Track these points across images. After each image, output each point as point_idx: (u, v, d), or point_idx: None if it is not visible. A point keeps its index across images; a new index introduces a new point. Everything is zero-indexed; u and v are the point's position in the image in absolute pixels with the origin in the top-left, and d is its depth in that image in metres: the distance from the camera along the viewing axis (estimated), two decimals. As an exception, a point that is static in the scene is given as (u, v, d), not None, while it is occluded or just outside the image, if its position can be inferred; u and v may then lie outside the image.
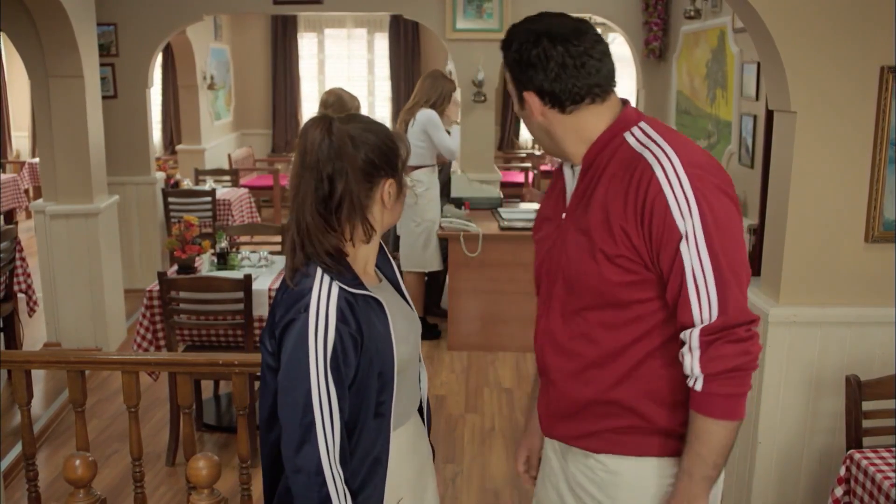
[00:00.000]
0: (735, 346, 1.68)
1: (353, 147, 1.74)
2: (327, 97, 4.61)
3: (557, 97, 1.76)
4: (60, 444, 4.39)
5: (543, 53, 1.74)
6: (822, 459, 3.22)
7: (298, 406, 1.68)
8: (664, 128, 1.80)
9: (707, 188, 1.68)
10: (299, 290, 1.73)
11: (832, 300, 3.12)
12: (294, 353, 1.69)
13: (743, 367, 1.69)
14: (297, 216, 1.76)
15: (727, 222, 1.69)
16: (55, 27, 5.18)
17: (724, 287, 1.67)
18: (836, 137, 3.02)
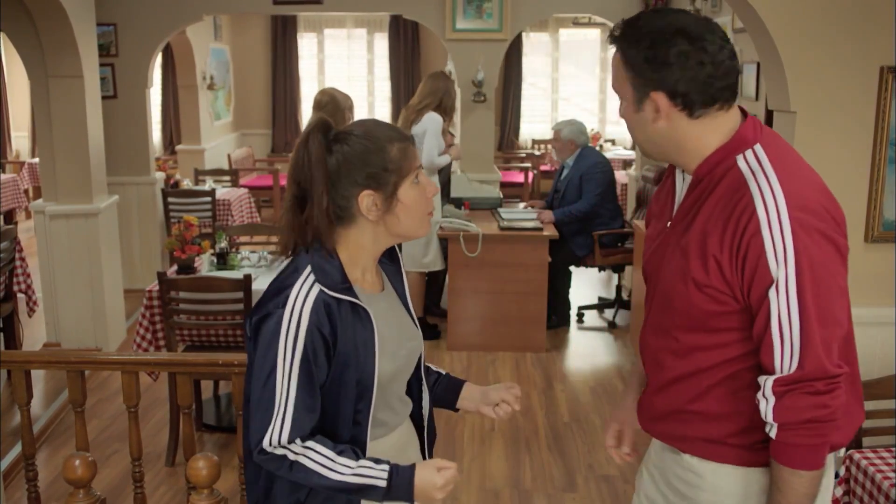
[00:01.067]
0: (810, 399, 1.64)
1: (328, 157, 1.76)
2: (321, 97, 4.61)
3: (690, 99, 1.68)
4: (60, 445, 4.39)
5: (681, 52, 1.65)
6: (821, 459, 3.22)
7: (263, 400, 1.71)
8: (779, 153, 1.72)
9: (809, 235, 1.61)
10: (283, 283, 1.77)
11: (832, 300, 3.12)
12: (266, 347, 1.72)
13: (819, 419, 1.64)
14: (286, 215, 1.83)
15: (824, 273, 1.63)
16: (55, 27, 5.18)
17: (807, 340, 1.62)
18: (836, 137, 3.02)
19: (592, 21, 10.95)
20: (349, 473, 1.72)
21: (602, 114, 11.82)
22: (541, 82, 11.91)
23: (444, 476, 1.76)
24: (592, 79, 11.81)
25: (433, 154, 5.61)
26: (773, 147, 1.72)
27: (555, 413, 4.83)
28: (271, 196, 9.99)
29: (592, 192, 6.03)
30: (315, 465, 1.71)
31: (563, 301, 6.37)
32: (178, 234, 4.53)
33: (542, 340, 5.82)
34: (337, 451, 1.73)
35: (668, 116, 1.71)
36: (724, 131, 1.73)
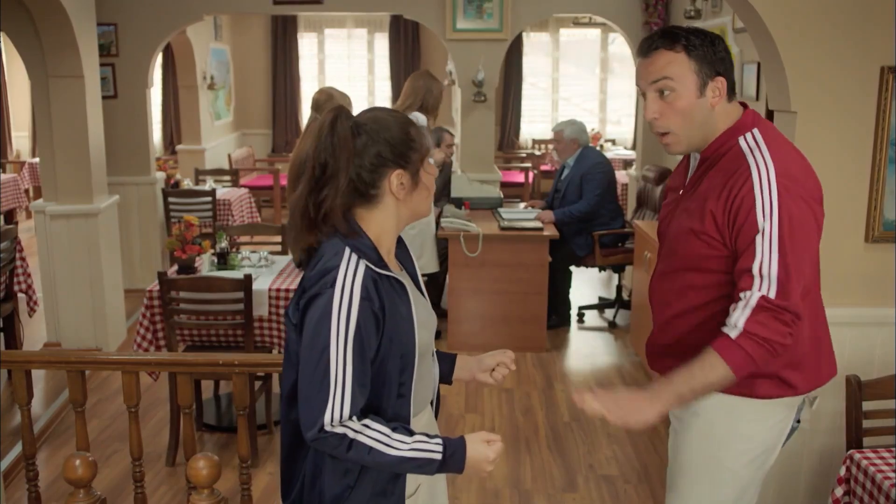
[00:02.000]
0: (780, 325, 1.97)
1: (354, 137, 1.80)
2: (319, 96, 4.61)
3: (733, 85, 2.13)
4: (61, 444, 4.39)
5: (725, 49, 2.10)
6: (822, 459, 3.21)
7: (316, 380, 1.72)
8: (773, 136, 2.11)
9: (792, 198, 2.00)
10: (327, 265, 1.77)
11: (832, 300, 3.11)
12: (317, 327, 1.73)
13: (775, 344, 1.97)
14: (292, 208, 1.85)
15: (800, 230, 2.00)
16: (55, 27, 5.18)
17: (787, 279, 1.97)
18: (837, 137, 3.02)
19: (593, 21, 10.94)
20: (406, 448, 1.75)
21: (602, 114, 11.81)
22: (541, 82, 11.91)
23: (494, 449, 1.82)
24: (593, 79, 11.81)
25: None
26: (768, 132, 2.13)
27: (555, 413, 4.83)
28: (272, 196, 9.99)
29: (593, 193, 6.03)
30: (373, 442, 1.73)
31: (563, 301, 6.37)
32: (179, 234, 4.53)
33: (542, 340, 5.82)
34: (391, 428, 1.76)
35: (721, 98, 2.11)
36: (733, 118, 2.14)
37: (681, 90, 2.08)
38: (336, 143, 1.79)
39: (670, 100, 2.09)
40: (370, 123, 1.83)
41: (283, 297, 4.28)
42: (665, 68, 2.08)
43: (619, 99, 11.67)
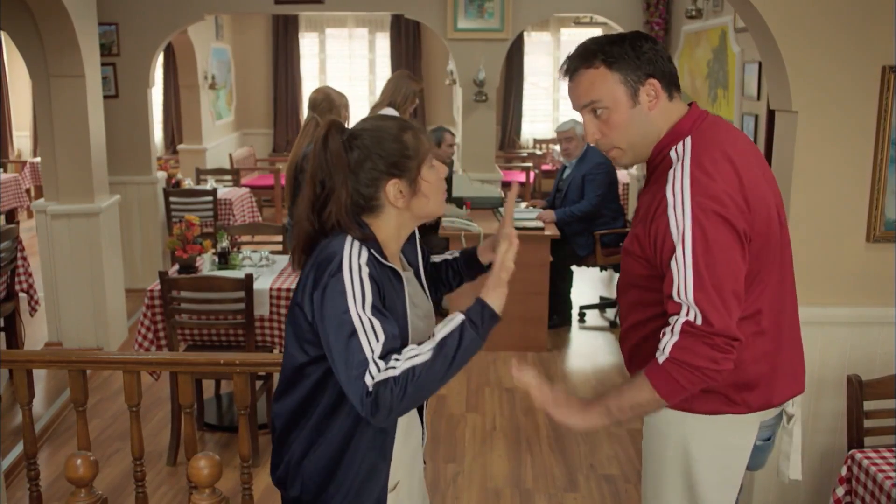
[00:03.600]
0: (708, 350, 1.85)
1: (347, 152, 1.85)
2: (316, 95, 4.61)
3: (672, 80, 2.02)
4: (62, 444, 4.40)
5: (652, 47, 1.99)
6: (823, 459, 3.21)
7: (353, 354, 1.74)
8: (706, 140, 1.98)
9: (706, 217, 1.87)
10: (328, 254, 1.81)
11: (833, 300, 3.12)
12: (335, 309, 1.76)
13: (705, 370, 1.86)
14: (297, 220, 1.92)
15: (716, 248, 1.87)
16: (56, 27, 5.19)
17: (708, 301, 1.85)
18: (838, 137, 3.02)
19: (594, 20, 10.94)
20: (434, 344, 1.77)
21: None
22: (542, 82, 11.91)
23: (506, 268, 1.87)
24: (594, 78, 11.80)
25: None
26: (702, 138, 1.98)
27: (556, 413, 4.83)
28: (272, 195, 10.00)
29: (594, 193, 6.03)
30: (412, 362, 1.73)
31: (564, 301, 6.37)
32: (180, 233, 4.53)
33: (543, 340, 5.82)
34: (417, 344, 1.79)
35: (659, 100, 2.00)
36: (674, 119, 2.03)
37: (612, 105, 1.99)
38: (330, 161, 1.84)
39: (605, 117, 2.01)
40: (363, 136, 1.85)
41: (283, 297, 4.28)
42: (590, 89, 2.01)
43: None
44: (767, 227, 1.98)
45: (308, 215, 1.87)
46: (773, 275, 2.04)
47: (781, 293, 2.08)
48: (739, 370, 1.98)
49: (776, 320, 2.07)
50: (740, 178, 1.92)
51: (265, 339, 4.34)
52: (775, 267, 2.04)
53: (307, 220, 1.88)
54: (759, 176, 2.00)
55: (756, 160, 2.04)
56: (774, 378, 2.07)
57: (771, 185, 2.06)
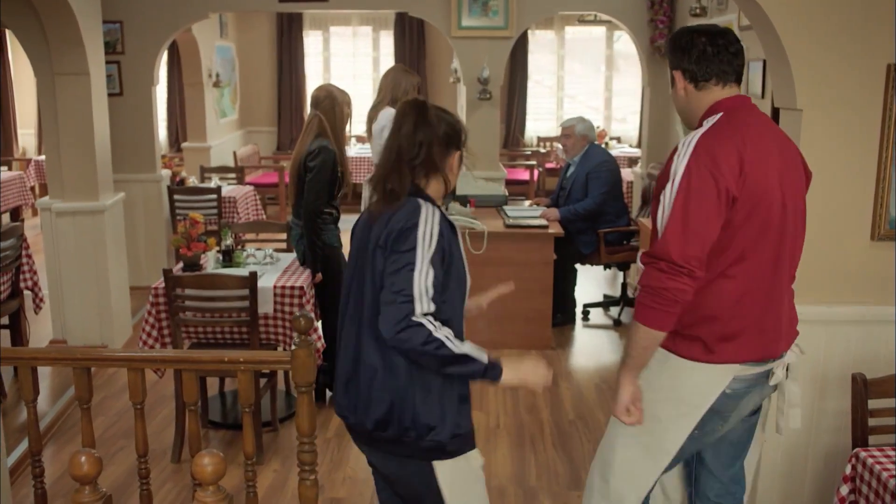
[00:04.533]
0: (657, 274, 2.27)
1: (440, 126, 2.34)
2: (318, 93, 4.61)
3: (694, 76, 2.42)
4: (66, 441, 4.41)
5: (682, 43, 2.42)
6: (827, 458, 3.21)
7: (403, 281, 2.16)
8: (731, 123, 2.34)
9: (698, 169, 2.26)
10: (413, 209, 2.25)
11: (838, 299, 3.11)
12: (403, 250, 2.19)
13: (660, 292, 2.26)
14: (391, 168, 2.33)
15: (697, 197, 2.25)
16: (61, 25, 5.19)
17: (672, 233, 2.25)
18: (843, 135, 3.01)
19: (598, 18, 10.93)
20: (465, 349, 2.21)
21: (607, 111, 11.79)
22: (546, 80, 11.90)
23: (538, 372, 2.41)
24: (598, 76, 11.79)
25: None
26: (729, 119, 2.35)
27: (560, 411, 4.83)
28: (277, 193, 10.00)
29: (598, 191, 6.02)
30: (444, 339, 2.15)
31: (568, 299, 6.37)
32: (184, 231, 4.53)
33: (547, 338, 5.82)
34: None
35: (685, 88, 2.44)
36: (704, 102, 2.42)
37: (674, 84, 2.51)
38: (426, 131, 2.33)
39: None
40: (446, 115, 2.41)
41: (287, 295, 4.28)
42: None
43: (624, 97, 11.65)
44: (766, 212, 2.30)
45: (390, 176, 2.31)
46: (767, 254, 2.34)
47: (775, 270, 2.37)
48: (721, 324, 2.35)
49: (763, 290, 2.36)
50: (742, 155, 2.26)
51: (269, 337, 4.34)
52: (770, 247, 2.34)
53: (394, 179, 2.30)
54: (769, 163, 2.31)
55: (776, 150, 2.36)
56: (749, 339, 2.37)
57: (788, 178, 2.36)
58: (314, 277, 4.51)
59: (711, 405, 2.41)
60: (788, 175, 2.36)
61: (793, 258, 2.43)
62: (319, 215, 4.49)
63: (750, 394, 2.44)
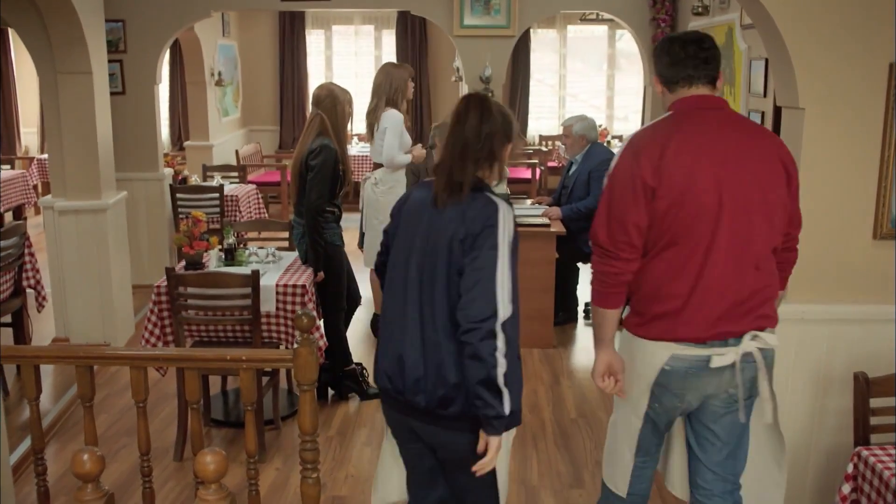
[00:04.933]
0: (596, 259, 2.63)
1: (499, 118, 2.53)
2: (319, 92, 4.61)
3: (668, 80, 2.66)
4: (69, 439, 4.41)
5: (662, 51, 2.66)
6: (829, 456, 3.21)
7: (491, 286, 2.31)
8: (667, 119, 2.63)
9: (622, 159, 2.60)
10: (490, 207, 2.41)
11: (840, 297, 3.11)
12: (490, 249, 2.34)
13: (598, 275, 2.65)
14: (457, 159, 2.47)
15: (619, 183, 2.57)
16: (64, 23, 5.20)
17: (598, 217, 2.61)
18: (845, 134, 3.01)
19: (600, 17, 10.92)
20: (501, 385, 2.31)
21: (609, 110, 11.78)
22: (548, 79, 11.89)
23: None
24: (600, 75, 11.79)
25: (393, 152, 5.51)
26: (671, 118, 2.62)
27: (561, 409, 4.83)
28: (279, 192, 10.01)
29: (600, 189, 5.99)
30: (498, 364, 2.30)
31: (570, 297, 6.37)
32: (187, 229, 4.54)
33: (549, 337, 5.83)
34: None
35: (662, 91, 2.69)
36: (669, 103, 2.67)
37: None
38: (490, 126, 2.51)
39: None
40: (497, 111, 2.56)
41: (290, 293, 4.29)
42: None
43: (626, 95, 11.64)
44: (694, 203, 2.47)
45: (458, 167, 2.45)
46: (700, 241, 2.49)
47: (707, 260, 2.49)
48: (655, 302, 2.59)
49: (693, 275, 2.51)
50: (664, 150, 2.49)
51: (271, 336, 4.35)
52: (702, 235, 2.49)
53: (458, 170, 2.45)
54: (700, 158, 2.49)
55: (720, 146, 2.51)
56: (682, 319, 2.54)
57: (733, 172, 2.48)
58: (316, 276, 4.51)
59: (656, 379, 2.60)
60: (735, 170, 2.48)
61: (749, 248, 2.51)
62: (321, 214, 4.50)
63: (699, 375, 2.56)
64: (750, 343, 2.54)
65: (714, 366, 2.53)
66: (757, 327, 2.56)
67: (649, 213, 2.51)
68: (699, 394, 2.60)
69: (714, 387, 2.58)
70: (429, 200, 2.49)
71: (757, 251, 2.53)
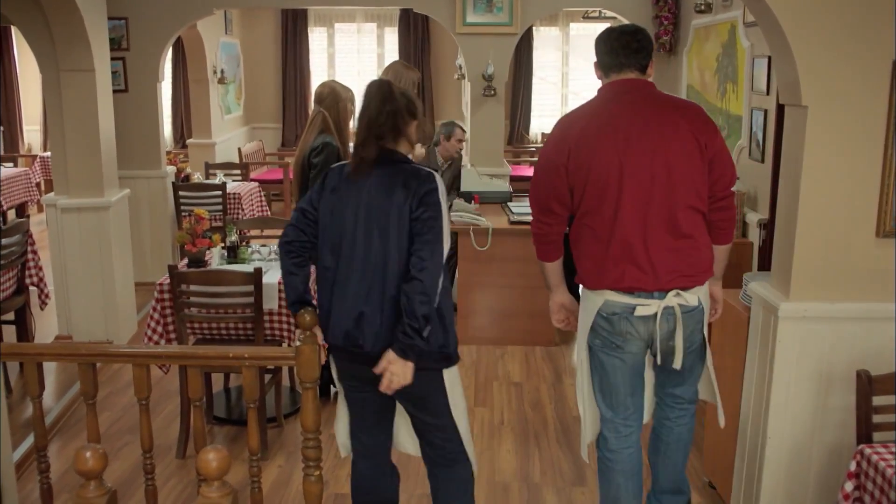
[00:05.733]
0: (532, 222, 3.17)
1: (402, 100, 2.88)
2: (321, 89, 4.61)
3: (604, 67, 3.08)
4: (72, 437, 4.42)
5: (602, 41, 3.07)
6: (832, 454, 3.21)
7: (439, 246, 2.76)
8: (584, 104, 3.17)
9: (552, 131, 3.09)
10: (427, 172, 2.82)
11: (843, 295, 3.11)
12: (438, 209, 2.77)
13: (534, 236, 3.19)
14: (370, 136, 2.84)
15: (542, 158, 3.09)
16: (66, 21, 5.20)
17: (531, 188, 3.14)
18: (848, 132, 3.00)
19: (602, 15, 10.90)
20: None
21: (612, 108, 11.76)
22: (551, 76, 11.89)
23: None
24: (603, 73, 11.77)
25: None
26: (589, 101, 3.14)
27: (564, 407, 4.84)
28: (281, 190, 10.01)
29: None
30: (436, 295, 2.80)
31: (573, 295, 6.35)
32: (189, 227, 4.54)
33: (551, 334, 5.83)
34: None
35: (600, 76, 3.13)
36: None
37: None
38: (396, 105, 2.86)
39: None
40: (402, 94, 2.92)
41: (292, 291, 4.28)
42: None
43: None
44: (599, 175, 2.89)
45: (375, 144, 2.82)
46: (607, 209, 2.90)
47: (615, 225, 2.90)
48: (585, 259, 3.02)
49: (605, 238, 2.93)
50: (571, 130, 2.98)
51: (274, 333, 4.35)
52: (608, 204, 2.90)
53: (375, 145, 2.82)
54: (604, 137, 2.90)
55: (625, 124, 2.90)
56: (601, 272, 2.96)
57: (628, 148, 2.87)
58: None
59: (595, 320, 3.02)
60: (638, 146, 2.87)
61: (655, 214, 2.88)
62: (324, 211, 4.50)
63: (629, 320, 2.96)
64: (673, 299, 2.92)
65: (637, 314, 2.94)
66: (682, 284, 2.93)
67: (567, 183, 2.97)
68: (636, 340, 3.00)
69: (645, 332, 2.98)
70: (348, 176, 2.87)
71: (666, 215, 2.89)
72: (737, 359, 3.47)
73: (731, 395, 3.51)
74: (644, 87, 2.99)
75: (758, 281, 3.33)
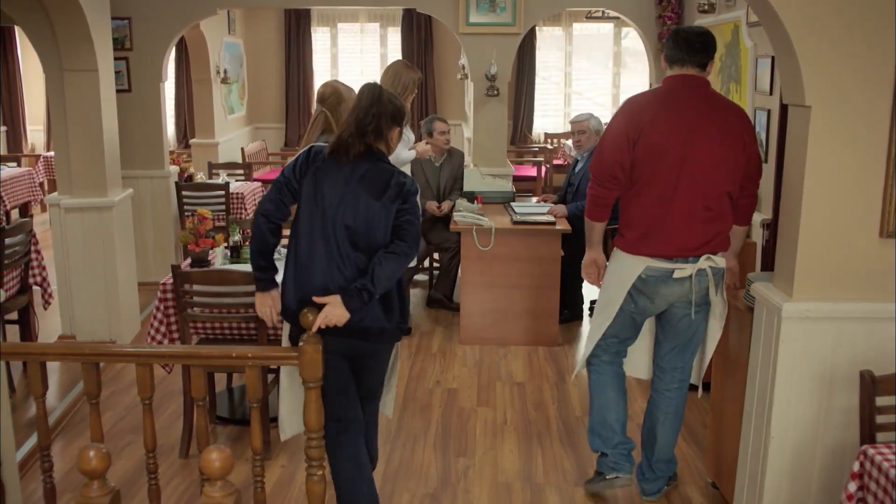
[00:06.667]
0: (591, 184, 3.58)
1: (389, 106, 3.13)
2: (324, 90, 4.60)
3: (670, 60, 3.50)
4: (75, 436, 4.42)
5: (671, 38, 3.51)
6: (835, 455, 3.20)
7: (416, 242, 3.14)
8: (652, 91, 3.65)
9: (617, 114, 3.52)
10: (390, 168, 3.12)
11: (846, 296, 3.10)
12: (416, 211, 3.12)
13: (591, 196, 3.60)
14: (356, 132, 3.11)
15: (611, 131, 3.49)
16: (70, 21, 5.21)
17: (595, 156, 3.56)
18: (851, 132, 3.00)
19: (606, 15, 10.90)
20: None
21: (615, 108, 11.75)
22: (554, 76, 11.88)
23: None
24: (605, 73, 11.77)
25: (398, 149, 5.51)
26: (658, 90, 3.53)
27: (567, 407, 4.83)
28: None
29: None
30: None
31: (575, 295, 6.36)
32: (192, 227, 4.54)
33: (554, 334, 5.82)
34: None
35: (665, 67, 3.54)
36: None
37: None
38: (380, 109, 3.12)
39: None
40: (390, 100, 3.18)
41: (295, 291, 4.28)
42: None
43: (631, 93, 11.58)
44: (659, 155, 3.34)
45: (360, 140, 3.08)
46: (662, 185, 3.37)
47: (671, 199, 3.37)
48: (634, 226, 3.47)
49: (659, 209, 3.39)
50: (643, 114, 3.40)
51: (277, 333, 4.35)
52: (663, 181, 3.36)
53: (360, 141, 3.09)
54: (669, 123, 3.35)
55: (688, 116, 3.35)
56: (648, 241, 3.43)
57: (697, 138, 3.33)
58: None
59: (634, 283, 3.47)
60: (699, 136, 3.33)
61: (702, 193, 3.37)
62: (326, 211, 4.50)
63: (667, 283, 3.45)
64: (704, 262, 3.42)
65: (676, 276, 3.42)
66: (710, 251, 3.43)
67: (631, 157, 3.39)
68: (665, 300, 3.50)
69: (676, 295, 3.47)
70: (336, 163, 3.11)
71: (708, 196, 3.38)
72: (740, 359, 3.47)
73: (733, 396, 3.50)
74: (702, 85, 3.44)
75: (761, 281, 3.32)
